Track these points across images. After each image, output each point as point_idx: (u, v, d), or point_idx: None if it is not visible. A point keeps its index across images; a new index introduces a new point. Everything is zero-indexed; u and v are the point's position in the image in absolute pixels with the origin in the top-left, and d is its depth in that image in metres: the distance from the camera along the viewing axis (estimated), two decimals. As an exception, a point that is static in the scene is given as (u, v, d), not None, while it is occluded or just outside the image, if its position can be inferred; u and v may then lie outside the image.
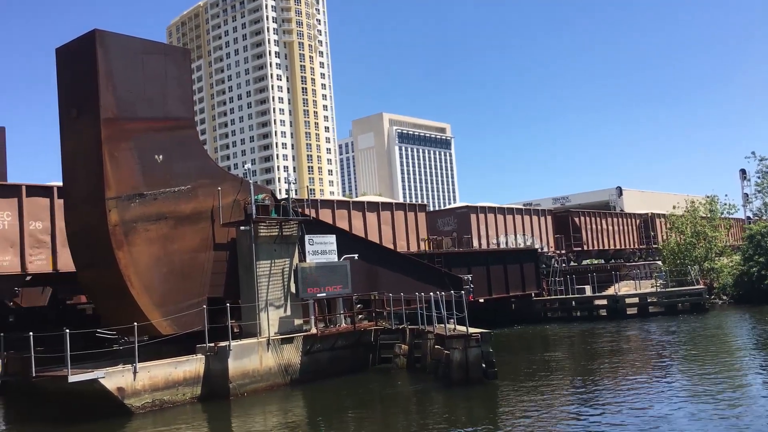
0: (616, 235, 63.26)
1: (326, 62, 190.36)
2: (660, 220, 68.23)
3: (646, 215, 68.81)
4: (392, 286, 31.48)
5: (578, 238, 57.51)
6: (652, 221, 68.25)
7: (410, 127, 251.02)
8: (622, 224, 64.71)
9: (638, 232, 66.71)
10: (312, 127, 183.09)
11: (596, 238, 60.24)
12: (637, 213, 69.93)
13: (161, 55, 24.92)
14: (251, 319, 25.55)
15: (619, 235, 63.84)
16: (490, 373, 23.38)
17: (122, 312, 23.17)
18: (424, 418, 19.42)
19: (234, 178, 27.59)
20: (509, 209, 52.46)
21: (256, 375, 24.27)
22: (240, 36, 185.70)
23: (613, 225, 63.16)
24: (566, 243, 55.88)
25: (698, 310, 46.08)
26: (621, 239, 63.90)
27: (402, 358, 27.85)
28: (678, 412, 17.51)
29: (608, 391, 21.28)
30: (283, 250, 26.85)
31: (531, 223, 53.53)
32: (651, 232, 67.74)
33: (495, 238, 49.43)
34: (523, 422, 17.59)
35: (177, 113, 25.11)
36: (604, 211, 66.15)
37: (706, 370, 23.86)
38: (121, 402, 20.85)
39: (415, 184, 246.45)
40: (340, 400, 23.25)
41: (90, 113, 23.00)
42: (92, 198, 22.96)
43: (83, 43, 23.28)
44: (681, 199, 65.64)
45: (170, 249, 24.20)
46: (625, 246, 64.38)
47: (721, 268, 54.74)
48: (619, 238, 63.71)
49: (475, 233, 47.66)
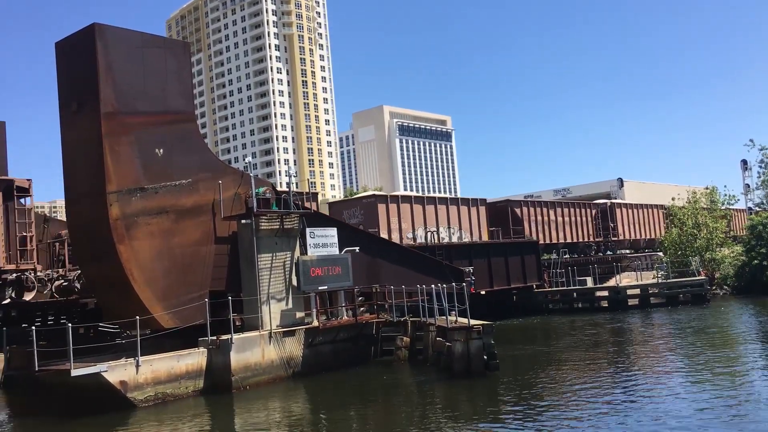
0: (567, 227, 56.08)
1: (326, 55, 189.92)
2: (620, 210, 62.91)
3: (604, 205, 62.61)
4: (393, 278, 31.53)
5: (519, 231, 50.50)
6: (611, 211, 61.65)
7: (411, 119, 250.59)
8: (574, 215, 57.44)
9: (594, 224, 59.51)
10: (312, 120, 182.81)
11: (542, 231, 53.14)
12: (594, 202, 63.43)
13: (161, 49, 24.89)
14: (253, 312, 25.60)
15: (572, 228, 56.59)
16: (492, 365, 23.42)
17: (124, 306, 23.23)
18: (426, 410, 19.48)
19: (235, 171, 27.59)
20: (431, 198, 45.19)
21: (259, 368, 24.33)
22: (239, 29, 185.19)
23: (563, 216, 56.06)
24: (504, 237, 48.72)
25: (699, 301, 46.11)
26: (573, 232, 56.66)
27: (403, 351, 27.89)
28: (680, 401, 17.56)
29: (610, 382, 21.33)
30: (285, 243, 26.87)
31: (459, 214, 45.95)
32: (610, 223, 60.93)
33: (411, 232, 42.03)
34: (525, 414, 17.63)
35: (177, 107, 25.10)
36: (554, 201, 60.65)
37: (708, 361, 23.89)
38: (124, 395, 20.92)
39: (416, 176, 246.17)
40: (342, 393, 23.31)
41: (90, 107, 22.99)
42: (93, 192, 22.98)
43: (83, 37, 23.24)
44: (682, 190, 65.61)
45: (172, 243, 24.23)
46: (578, 239, 57.08)
47: (722, 259, 54.78)
48: (571, 231, 56.42)
49: (384, 226, 40.24)
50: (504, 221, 50.24)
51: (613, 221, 61.32)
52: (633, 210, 65.30)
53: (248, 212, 25.82)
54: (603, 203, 63.46)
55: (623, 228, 62.61)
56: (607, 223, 60.90)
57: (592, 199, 70.41)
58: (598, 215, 60.30)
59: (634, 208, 65.81)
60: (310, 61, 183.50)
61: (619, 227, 62.04)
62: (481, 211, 48.06)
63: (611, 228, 60.95)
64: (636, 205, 67.29)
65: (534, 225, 52.59)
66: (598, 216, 60.32)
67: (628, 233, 63.45)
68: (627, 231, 63.25)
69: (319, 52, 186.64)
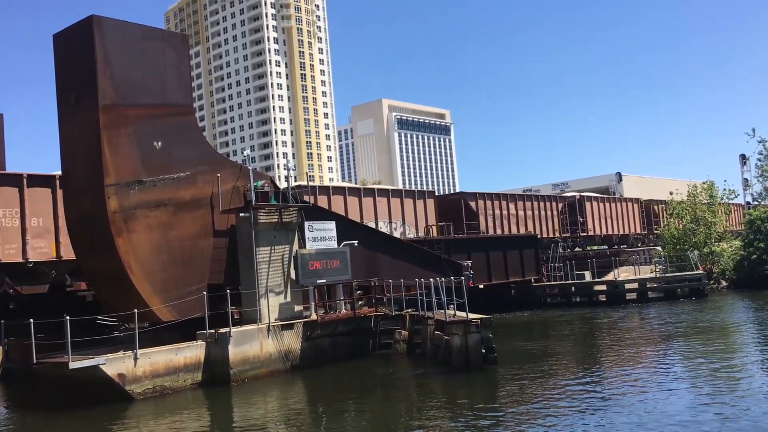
0: (529, 221, 52.60)
1: (325, 48, 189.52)
2: (590, 204, 59.35)
3: (573, 198, 59.18)
4: (392, 272, 31.52)
5: (474, 226, 47.11)
6: (580, 205, 58.30)
7: (410, 113, 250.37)
8: (538, 209, 53.86)
9: (561, 219, 56.25)
10: (311, 114, 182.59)
11: (501, 226, 49.66)
12: (561, 195, 60.01)
13: (159, 41, 24.77)
14: (251, 305, 25.59)
15: (535, 222, 53.11)
16: (490, 358, 23.44)
17: (122, 299, 23.18)
18: (424, 403, 19.50)
19: (233, 164, 27.53)
20: (369, 190, 41.55)
21: (257, 361, 24.33)
22: (238, 22, 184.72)
23: (525, 210, 52.43)
24: (457, 232, 45.49)
25: (697, 295, 46.23)
26: (537, 226, 53.13)
27: (402, 344, 27.91)
28: (679, 394, 17.60)
29: (608, 376, 21.36)
30: (283, 237, 26.85)
31: (403, 208, 42.22)
32: (579, 218, 57.83)
33: None
34: (523, 407, 17.65)
35: (176, 99, 25.01)
36: (514, 194, 56.06)
37: (706, 354, 23.92)
38: (122, 388, 20.92)
39: (415, 170, 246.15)
40: (340, 386, 23.33)
41: (88, 100, 22.89)
42: (91, 185, 22.90)
43: (81, 29, 23.12)
44: (681, 185, 65.74)
45: (170, 236, 24.18)
46: (542, 234, 53.44)
47: (721, 253, 54.86)
48: (534, 226, 52.88)
49: None
50: (457, 215, 46.71)
51: (582, 216, 57.91)
52: (605, 204, 62.04)
53: (247, 205, 25.78)
54: (571, 196, 59.79)
55: (593, 223, 59.33)
56: (576, 217, 57.43)
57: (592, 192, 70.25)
58: (565, 209, 56.76)
59: (607, 201, 62.85)
60: (309, 55, 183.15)
61: (589, 222, 58.72)
62: (429, 204, 44.29)
63: (580, 223, 57.54)
64: (609, 198, 64.56)
65: (491, 219, 48.74)
66: (566, 210, 56.77)
67: (599, 228, 60.24)
68: (598, 226, 60.01)
69: (318, 46, 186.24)
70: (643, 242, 67.25)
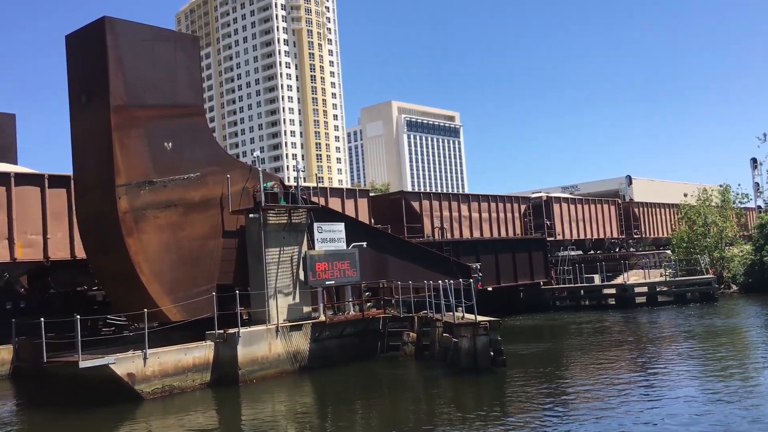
0: (485, 224, 47.60)
1: (335, 50, 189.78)
2: (558, 205, 54.42)
3: (539, 199, 54.40)
4: (400, 274, 31.54)
5: (417, 228, 42.62)
6: (546, 206, 53.55)
7: (419, 115, 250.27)
8: (496, 211, 48.74)
9: (524, 222, 51.42)
10: (321, 115, 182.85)
11: (450, 229, 44.73)
12: (524, 197, 54.49)
13: (170, 42, 24.90)
14: (260, 306, 25.65)
15: (491, 225, 48.10)
16: (499, 361, 23.40)
17: (132, 298, 23.30)
18: (432, 405, 19.49)
19: (243, 165, 27.61)
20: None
21: (265, 362, 24.39)
22: (249, 23, 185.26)
23: (480, 212, 47.14)
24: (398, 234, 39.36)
25: (707, 300, 45.98)
26: (494, 230, 48.22)
27: (410, 346, 27.90)
28: (689, 400, 17.49)
29: (617, 380, 21.25)
30: (292, 238, 26.90)
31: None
32: (546, 221, 53.22)
33: None
34: (532, 410, 17.61)
35: (186, 100, 25.13)
36: (468, 194, 50.19)
37: (718, 359, 23.78)
38: (132, 388, 21.01)
39: (424, 172, 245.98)
40: (348, 387, 23.35)
41: (100, 100, 23.04)
42: (102, 185, 23.04)
43: (93, 31, 23.28)
44: (691, 189, 65.20)
45: (180, 236, 24.29)
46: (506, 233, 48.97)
47: (731, 257, 54.55)
48: (491, 229, 47.97)
49: None
50: (397, 216, 42.11)
51: (549, 218, 53.07)
52: (576, 205, 56.53)
53: (256, 206, 25.86)
54: (537, 197, 54.64)
55: (562, 226, 54.18)
56: (542, 220, 52.46)
57: (601, 196, 69.82)
58: (529, 211, 51.77)
59: (579, 203, 57.25)
60: (319, 56, 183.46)
61: (557, 225, 53.61)
62: (362, 204, 39.62)
63: (546, 226, 52.56)
64: (581, 199, 58.84)
65: (438, 221, 43.68)
66: (529, 212, 51.76)
67: (570, 232, 54.89)
68: (567, 229, 54.70)
69: (327, 47, 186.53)
70: (621, 247, 62.33)
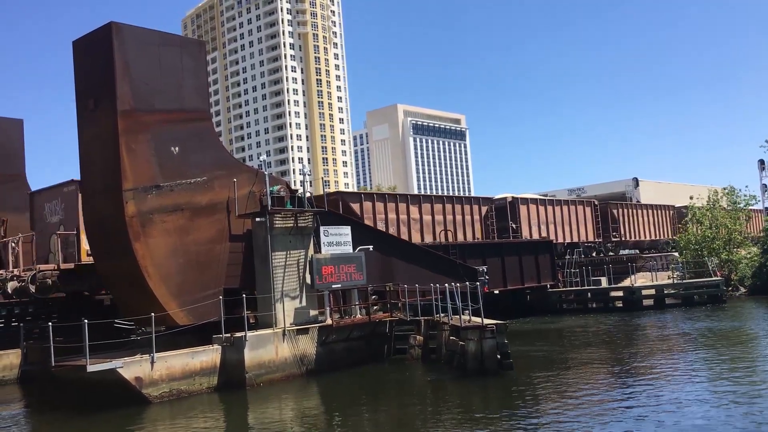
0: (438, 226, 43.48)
1: (341, 54, 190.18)
2: (525, 207, 49.98)
3: (503, 200, 49.77)
4: (407, 277, 31.53)
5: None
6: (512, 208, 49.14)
7: (425, 118, 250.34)
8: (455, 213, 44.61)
9: (486, 224, 46.84)
10: (326, 119, 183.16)
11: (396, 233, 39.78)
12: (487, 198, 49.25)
13: (177, 47, 25.02)
14: (267, 309, 25.69)
15: (448, 227, 43.83)
16: (506, 364, 23.36)
17: (139, 302, 23.39)
18: (439, 408, 19.47)
19: (249, 169, 27.70)
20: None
21: (272, 365, 24.42)
22: (254, 28, 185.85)
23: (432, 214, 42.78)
24: None
25: (715, 302, 45.76)
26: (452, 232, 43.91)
27: (417, 349, 27.89)
28: (699, 403, 17.42)
29: (626, 383, 21.18)
30: (299, 241, 26.95)
31: None
32: (512, 223, 48.73)
33: None
34: (539, 413, 17.57)
35: (193, 105, 25.24)
36: (418, 195, 46.40)
37: (727, 362, 23.67)
38: (139, 391, 21.08)
39: (430, 175, 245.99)
40: (355, 391, 23.34)
41: (107, 105, 23.17)
42: (109, 189, 23.16)
43: (100, 36, 23.42)
44: (698, 191, 64.92)
45: (186, 240, 24.37)
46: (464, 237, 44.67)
47: (739, 260, 54.32)
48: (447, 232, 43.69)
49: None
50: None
51: (515, 221, 48.29)
52: (547, 207, 51.82)
53: (263, 210, 25.92)
54: (501, 199, 50.12)
55: (530, 229, 49.50)
56: (506, 223, 47.79)
57: (606, 199, 69.49)
58: (490, 214, 46.77)
59: (549, 204, 52.48)
60: (325, 60, 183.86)
61: (524, 228, 48.84)
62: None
63: (512, 229, 47.91)
64: (552, 200, 54.24)
65: (382, 225, 39.29)
66: (491, 215, 46.67)
67: (539, 235, 49.92)
68: (536, 232, 49.95)
69: (333, 51, 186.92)
70: (598, 251, 57.34)
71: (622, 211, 60.99)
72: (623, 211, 60.98)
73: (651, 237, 63.83)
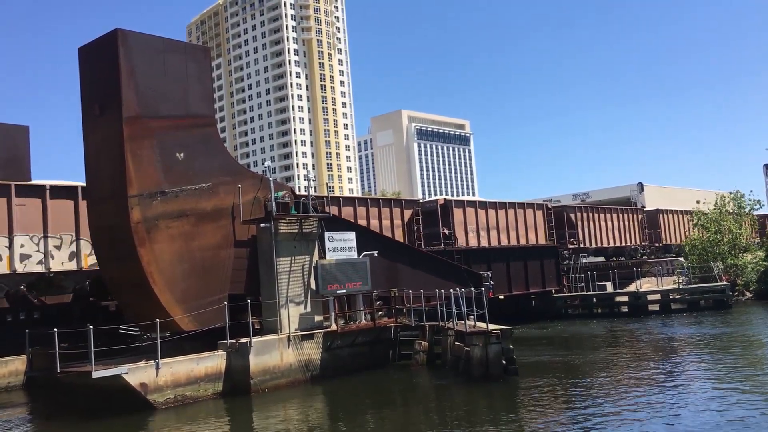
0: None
1: (345, 59, 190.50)
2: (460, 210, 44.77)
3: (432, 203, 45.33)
4: (412, 282, 31.52)
5: None
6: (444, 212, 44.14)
7: (429, 123, 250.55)
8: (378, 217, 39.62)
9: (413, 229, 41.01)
10: (331, 125, 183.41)
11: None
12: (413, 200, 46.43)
13: (182, 54, 25.10)
14: (272, 315, 25.69)
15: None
16: (511, 369, 23.31)
17: (144, 308, 23.40)
18: (444, 414, 19.42)
19: (254, 175, 27.73)
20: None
21: (277, 371, 24.39)
22: (259, 34, 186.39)
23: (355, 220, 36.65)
24: None
25: (721, 307, 45.62)
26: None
27: (422, 355, 27.84)
28: (707, 411, 17.33)
29: (630, 389, 21.11)
30: (303, 247, 26.95)
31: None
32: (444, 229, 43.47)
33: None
34: (545, 419, 17.51)
35: (198, 111, 25.29)
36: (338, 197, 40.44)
37: (735, 368, 23.55)
38: (144, 397, 21.07)
39: (434, 180, 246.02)
40: (360, 397, 23.31)
41: (112, 111, 23.23)
42: (115, 195, 23.20)
43: (105, 42, 23.52)
44: (702, 195, 64.80)
45: (192, 246, 24.39)
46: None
47: (745, 264, 54.15)
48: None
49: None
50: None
51: (449, 226, 43.66)
52: (488, 210, 46.68)
53: (267, 216, 25.94)
54: (431, 201, 46.32)
55: (466, 235, 44.53)
56: (437, 229, 43.08)
57: (612, 204, 69.30)
58: (415, 218, 41.44)
59: (491, 207, 47.16)
60: (329, 66, 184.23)
61: (459, 234, 43.99)
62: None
63: (444, 235, 43.25)
64: (492, 203, 47.87)
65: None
66: (417, 219, 41.49)
67: (477, 240, 45.07)
68: (474, 238, 45.06)
69: (337, 57, 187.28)
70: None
71: (581, 215, 55.88)
72: (582, 215, 55.91)
73: (615, 243, 58.78)
